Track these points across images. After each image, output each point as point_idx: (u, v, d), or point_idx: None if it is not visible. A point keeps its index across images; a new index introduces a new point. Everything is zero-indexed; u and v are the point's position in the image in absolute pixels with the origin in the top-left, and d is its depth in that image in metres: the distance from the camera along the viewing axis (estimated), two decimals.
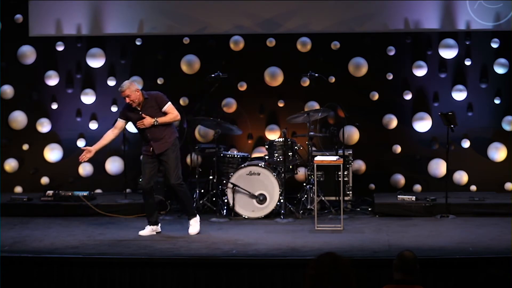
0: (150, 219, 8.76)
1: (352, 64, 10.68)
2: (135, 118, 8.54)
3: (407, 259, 5.04)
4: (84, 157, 8.59)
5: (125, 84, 8.50)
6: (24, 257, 7.47)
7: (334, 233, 8.65)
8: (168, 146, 8.56)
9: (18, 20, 10.92)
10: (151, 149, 8.56)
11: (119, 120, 8.65)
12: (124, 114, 8.63)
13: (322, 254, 3.96)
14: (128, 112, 8.58)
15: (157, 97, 8.58)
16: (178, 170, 8.61)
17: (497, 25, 10.46)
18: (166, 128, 8.56)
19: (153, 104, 8.54)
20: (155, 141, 8.53)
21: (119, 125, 8.65)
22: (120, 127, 8.66)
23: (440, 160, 10.60)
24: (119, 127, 8.66)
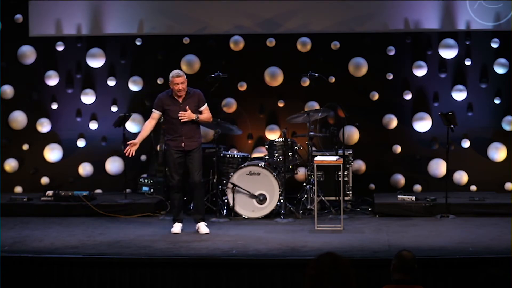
0: (179, 216, 8.78)
1: (352, 64, 10.68)
2: (173, 109, 8.57)
3: (406, 259, 5.03)
4: (130, 150, 8.61)
5: (181, 72, 8.64)
6: (24, 257, 7.46)
7: (334, 233, 8.65)
8: (197, 145, 8.70)
9: (18, 20, 10.92)
10: (183, 145, 8.60)
11: (155, 112, 8.67)
12: (160, 105, 8.65)
13: (322, 254, 3.96)
14: (165, 103, 8.62)
15: (199, 95, 8.76)
16: (202, 170, 8.77)
17: (497, 25, 10.46)
18: (198, 127, 8.76)
19: (194, 100, 8.70)
20: (187, 137, 8.61)
21: (156, 117, 8.69)
22: (156, 118, 8.70)
23: (440, 160, 10.60)
24: (156, 118, 8.70)
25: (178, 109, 8.60)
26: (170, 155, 8.74)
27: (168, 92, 8.74)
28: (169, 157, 8.79)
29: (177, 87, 8.57)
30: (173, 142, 8.68)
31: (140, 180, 10.53)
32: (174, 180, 8.74)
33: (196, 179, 8.70)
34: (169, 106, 8.64)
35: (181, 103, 8.63)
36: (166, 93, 8.73)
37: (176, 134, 8.63)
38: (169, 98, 8.67)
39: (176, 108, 8.61)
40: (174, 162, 8.69)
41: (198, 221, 8.75)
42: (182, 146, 8.63)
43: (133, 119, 10.75)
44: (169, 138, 8.73)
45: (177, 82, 8.57)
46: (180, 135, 8.62)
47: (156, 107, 8.71)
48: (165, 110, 8.67)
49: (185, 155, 8.68)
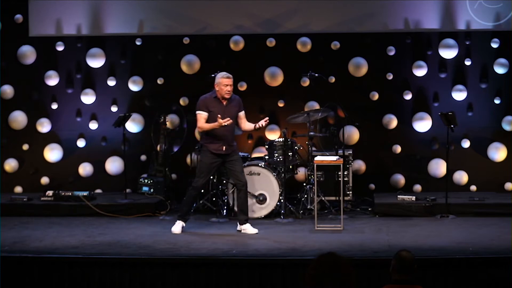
0: (187, 216, 8.78)
1: (352, 64, 10.68)
2: (217, 111, 8.51)
3: (405, 260, 5.03)
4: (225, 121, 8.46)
5: (229, 74, 8.63)
6: (24, 257, 7.46)
7: (334, 233, 8.65)
8: (235, 149, 8.74)
9: (18, 20, 10.92)
10: (223, 148, 8.58)
11: (202, 113, 8.57)
12: (205, 106, 8.59)
13: (322, 254, 3.96)
14: (210, 105, 8.57)
15: (240, 101, 8.80)
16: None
17: (497, 25, 10.46)
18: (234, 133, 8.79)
19: (236, 105, 8.72)
20: (227, 141, 8.60)
21: (206, 116, 8.58)
22: (206, 118, 8.59)
23: (440, 160, 10.60)
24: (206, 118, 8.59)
25: (222, 111, 8.54)
26: (206, 158, 8.63)
27: (211, 94, 8.66)
28: (204, 159, 8.66)
29: (226, 88, 8.53)
30: (213, 145, 8.59)
31: (140, 180, 10.53)
32: (200, 181, 8.66)
33: (243, 180, 8.68)
34: (214, 108, 8.56)
35: (225, 106, 8.60)
36: (210, 95, 8.66)
37: (219, 137, 8.56)
38: (213, 100, 8.60)
39: (221, 111, 8.53)
40: (209, 165, 8.62)
41: (244, 223, 8.70)
42: (223, 149, 8.59)
43: (133, 119, 10.75)
44: (209, 141, 8.61)
45: (226, 83, 8.54)
46: (221, 139, 8.57)
47: (202, 108, 8.59)
48: (209, 112, 8.58)
49: (223, 159, 8.64)
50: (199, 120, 8.62)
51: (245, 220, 8.73)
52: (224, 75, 8.61)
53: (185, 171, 10.62)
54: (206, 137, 8.67)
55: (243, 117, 8.80)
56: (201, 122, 8.61)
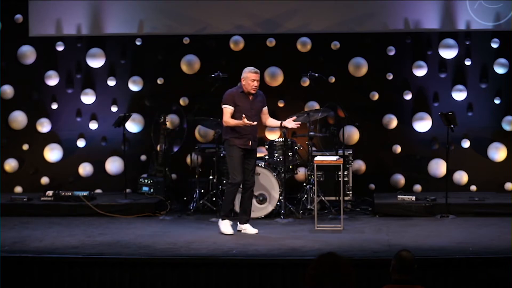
0: (230, 214, 8.73)
1: (352, 64, 10.68)
2: (244, 106, 8.48)
3: (405, 260, 5.02)
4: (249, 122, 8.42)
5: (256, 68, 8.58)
6: (24, 257, 7.46)
7: (334, 233, 8.64)
8: (256, 147, 8.71)
9: (18, 20, 10.92)
10: (250, 143, 8.54)
11: (229, 107, 8.49)
12: (232, 100, 8.52)
13: (322, 254, 3.96)
14: (236, 99, 8.52)
15: (263, 96, 8.76)
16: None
17: (497, 25, 10.46)
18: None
19: (261, 100, 8.70)
20: (253, 137, 8.58)
21: (232, 111, 8.51)
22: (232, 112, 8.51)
23: (440, 160, 10.60)
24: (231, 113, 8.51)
25: (249, 106, 8.51)
26: (235, 152, 8.54)
27: (238, 89, 8.60)
28: (232, 154, 8.55)
29: (253, 83, 8.47)
30: (240, 140, 8.52)
31: (140, 180, 10.53)
32: (239, 177, 8.54)
33: (252, 180, 8.68)
34: (241, 102, 8.51)
35: (251, 100, 8.56)
36: (236, 90, 8.60)
37: (245, 132, 8.49)
38: (240, 94, 8.55)
39: (247, 106, 8.51)
40: (239, 158, 8.54)
41: (245, 222, 8.69)
42: (249, 144, 8.55)
43: (133, 119, 10.75)
44: (235, 135, 8.52)
45: (253, 78, 8.47)
46: (248, 133, 8.51)
47: (229, 102, 8.51)
48: (235, 107, 8.52)
49: (246, 154, 8.58)
50: (225, 114, 8.53)
51: (246, 220, 8.72)
52: (251, 70, 8.53)
53: (185, 171, 10.62)
54: (232, 132, 8.54)
55: (266, 112, 8.79)
56: (226, 117, 8.52)
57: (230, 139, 8.57)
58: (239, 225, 8.75)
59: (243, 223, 8.72)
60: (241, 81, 8.62)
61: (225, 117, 8.54)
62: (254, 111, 8.56)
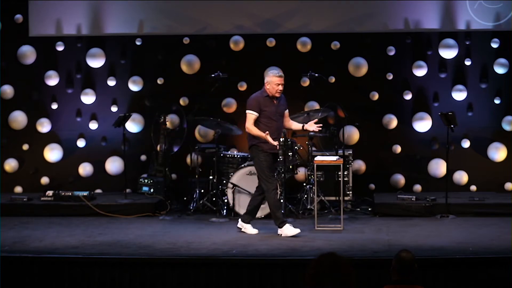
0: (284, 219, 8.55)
1: (352, 64, 10.67)
2: (270, 110, 8.42)
3: (405, 260, 5.02)
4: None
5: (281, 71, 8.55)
6: (24, 257, 7.46)
7: (334, 233, 8.64)
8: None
9: (18, 20, 10.91)
10: (278, 147, 8.51)
11: (254, 113, 8.41)
12: (258, 106, 8.43)
13: (322, 254, 3.96)
14: (262, 104, 8.43)
15: (285, 98, 8.69)
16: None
17: (497, 25, 10.46)
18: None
19: (284, 103, 8.65)
20: (278, 139, 8.53)
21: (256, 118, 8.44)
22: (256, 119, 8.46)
23: (440, 160, 10.59)
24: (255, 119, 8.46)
25: (274, 109, 8.45)
26: (264, 157, 8.44)
27: (262, 93, 8.52)
28: (262, 159, 8.44)
29: (278, 87, 8.39)
30: (268, 145, 8.38)
31: (140, 180, 10.53)
32: (274, 181, 8.47)
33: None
34: (267, 107, 8.43)
35: (276, 105, 8.49)
36: (260, 94, 8.51)
37: (272, 135, 8.39)
38: (265, 98, 8.46)
39: (273, 109, 8.44)
40: (269, 162, 8.48)
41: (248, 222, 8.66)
42: (277, 148, 8.50)
43: (133, 119, 10.75)
44: (263, 140, 8.36)
45: (278, 82, 8.39)
46: (276, 137, 8.44)
47: (254, 108, 8.42)
48: (261, 112, 8.44)
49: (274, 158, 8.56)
50: (249, 121, 8.44)
51: (249, 220, 8.68)
52: (276, 74, 8.45)
53: (185, 171, 10.62)
54: (259, 137, 8.41)
55: (287, 115, 8.74)
56: (250, 123, 8.43)
57: (258, 144, 8.44)
58: (240, 222, 8.73)
59: (246, 222, 8.68)
60: (264, 85, 8.52)
61: (248, 123, 8.45)
62: (279, 115, 8.51)
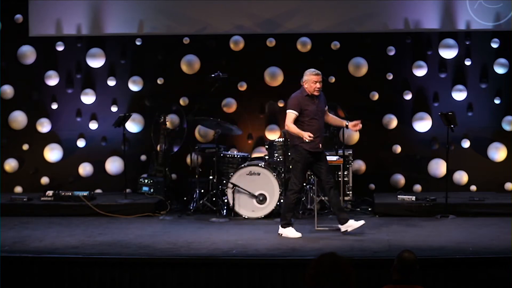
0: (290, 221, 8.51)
1: (352, 64, 10.68)
2: (311, 109, 8.37)
3: (407, 261, 5.01)
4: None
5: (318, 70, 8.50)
6: (24, 257, 7.46)
7: (334, 233, 8.64)
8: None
9: (18, 20, 10.92)
10: (320, 146, 8.42)
11: (294, 112, 8.34)
12: (298, 106, 8.38)
13: (322, 254, 3.96)
14: (303, 103, 8.38)
15: (324, 95, 8.66)
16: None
17: (497, 25, 10.46)
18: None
19: (324, 100, 8.62)
20: (321, 138, 8.46)
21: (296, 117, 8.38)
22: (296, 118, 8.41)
23: (440, 160, 10.59)
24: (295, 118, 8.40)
25: (315, 108, 8.40)
26: (303, 158, 8.38)
27: (301, 92, 8.47)
28: (300, 159, 8.40)
29: (316, 85, 8.35)
30: (310, 144, 8.32)
31: (140, 180, 10.53)
32: (300, 185, 8.42)
33: (332, 179, 8.52)
34: (308, 106, 8.39)
35: (316, 102, 8.45)
36: (300, 93, 8.47)
37: (315, 135, 8.31)
38: (306, 98, 8.42)
39: (314, 108, 8.40)
40: (306, 165, 8.42)
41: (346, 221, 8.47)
42: (319, 147, 8.42)
43: (133, 119, 10.75)
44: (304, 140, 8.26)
45: (315, 80, 8.36)
46: (318, 136, 8.37)
47: (295, 107, 8.37)
48: (302, 111, 8.39)
49: (315, 157, 8.43)
50: (288, 119, 8.39)
51: (345, 219, 8.49)
52: (313, 72, 8.42)
53: (185, 171, 10.62)
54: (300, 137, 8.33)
55: (326, 111, 8.71)
56: (289, 121, 8.37)
57: (299, 144, 8.38)
58: (341, 226, 8.50)
59: (344, 223, 8.49)
60: (302, 85, 8.49)
61: (288, 121, 8.40)
62: (320, 114, 8.47)
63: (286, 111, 8.49)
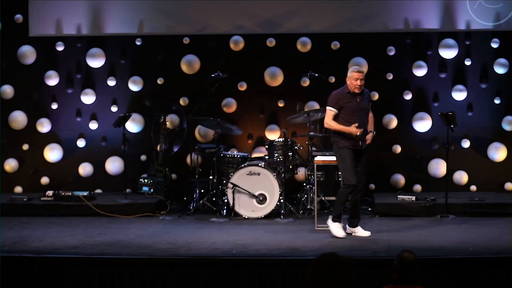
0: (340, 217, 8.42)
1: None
2: (351, 106, 8.29)
3: (407, 261, 5.01)
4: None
5: (361, 68, 8.45)
6: (24, 257, 7.46)
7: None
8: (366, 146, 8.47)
9: (18, 20, 10.92)
10: (360, 143, 8.35)
11: (333, 110, 8.30)
12: (336, 103, 8.32)
13: (322, 254, 3.96)
14: (342, 100, 8.32)
15: (370, 94, 8.63)
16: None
17: (497, 25, 10.46)
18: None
19: (368, 98, 8.54)
20: (363, 136, 8.37)
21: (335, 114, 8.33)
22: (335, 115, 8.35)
23: (440, 160, 10.60)
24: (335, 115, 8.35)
25: (356, 105, 8.33)
26: (346, 154, 8.31)
27: (343, 89, 8.41)
28: (343, 156, 8.31)
29: (356, 82, 8.26)
30: (350, 141, 8.30)
31: (140, 180, 10.53)
32: (353, 179, 8.26)
33: (363, 181, 8.43)
34: (348, 103, 8.32)
35: (358, 100, 8.37)
36: (342, 90, 8.41)
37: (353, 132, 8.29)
38: (346, 94, 8.36)
39: (354, 105, 8.32)
40: (352, 160, 8.31)
41: (356, 226, 8.47)
42: (359, 144, 8.36)
43: (133, 119, 10.75)
44: (346, 137, 8.29)
45: (356, 77, 8.27)
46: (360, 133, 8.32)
47: (333, 104, 8.33)
48: (341, 107, 8.34)
49: (356, 156, 8.36)
50: (327, 116, 8.37)
51: (356, 223, 8.48)
52: (354, 69, 8.37)
53: (185, 171, 10.62)
54: (340, 134, 8.32)
55: (370, 111, 8.59)
56: (329, 118, 8.35)
57: (339, 140, 8.35)
58: (348, 228, 8.51)
59: (354, 226, 8.49)
60: (346, 81, 8.44)
61: (327, 119, 8.38)
62: (361, 111, 8.38)
63: (326, 108, 8.44)
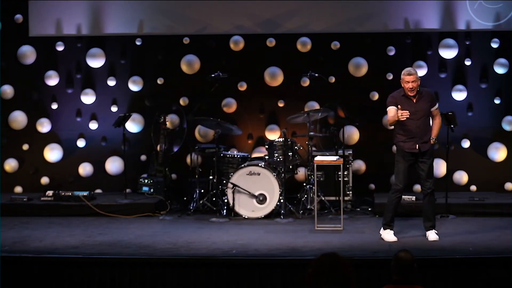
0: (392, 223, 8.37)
1: (352, 64, 10.68)
2: (406, 108, 8.11)
3: (404, 260, 5.01)
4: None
5: (413, 70, 8.30)
6: (24, 257, 7.46)
7: (334, 233, 8.64)
8: (430, 147, 8.30)
9: (18, 20, 10.92)
10: (417, 147, 8.20)
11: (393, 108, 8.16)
12: (394, 103, 8.20)
13: (322, 254, 3.96)
14: (398, 102, 8.21)
15: (432, 95, 8.44)
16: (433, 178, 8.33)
17: (497, 25, 10.46)
18: (430, 129, 8.33)
19: (428, 100, 8.33)
20: (421, 139, 8.21)
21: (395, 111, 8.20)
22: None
23: (440, 160, 10.59)
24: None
25: (411, 108, 8.18)
26: (400, 158, 8.24)
27: (400, 91, 8.34)
28: (398, 159, 8.26)
29: (408, 85, 8.18)
30: (407, 144, 8.21)
31: (140, 180, 10.53)
32: (400, 184, 8.23)
33: (430, 185, 8.18)
34: (403, 105, 8.18)
35: (414, 102, 8.25)
36: (398, 92, 8.34)
37: (410, 135, 8.19)
38: (402, 97, 8.27)
39: (410, 108, 8.17)
40: (404, 165, 8.23)
41: (429, 229, 8.34)
42: (416, 148, 8.20)
43: (133, 119, 10.75)
44: (402, 139, 8.21)
45: (407, 80, 8.20)
46: (413, 136, 8.20)
47: (391, 104, 8.23)
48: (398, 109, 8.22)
49: (416, 158, 8.24)
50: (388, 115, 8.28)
51: (430, 226, 8.35)
52: (405, 72, 8.26)
53: (185, 171, 10.62)
54: (398, 136, 8.27)
55: (436, 112, 8.35)
56: (388, 116, 8.27)
57: (397, 143, 8.30)
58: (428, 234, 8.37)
59: (427, 230, 8.37)
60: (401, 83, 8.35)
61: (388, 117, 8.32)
62: (419, 114, 8.22)
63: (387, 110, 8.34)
